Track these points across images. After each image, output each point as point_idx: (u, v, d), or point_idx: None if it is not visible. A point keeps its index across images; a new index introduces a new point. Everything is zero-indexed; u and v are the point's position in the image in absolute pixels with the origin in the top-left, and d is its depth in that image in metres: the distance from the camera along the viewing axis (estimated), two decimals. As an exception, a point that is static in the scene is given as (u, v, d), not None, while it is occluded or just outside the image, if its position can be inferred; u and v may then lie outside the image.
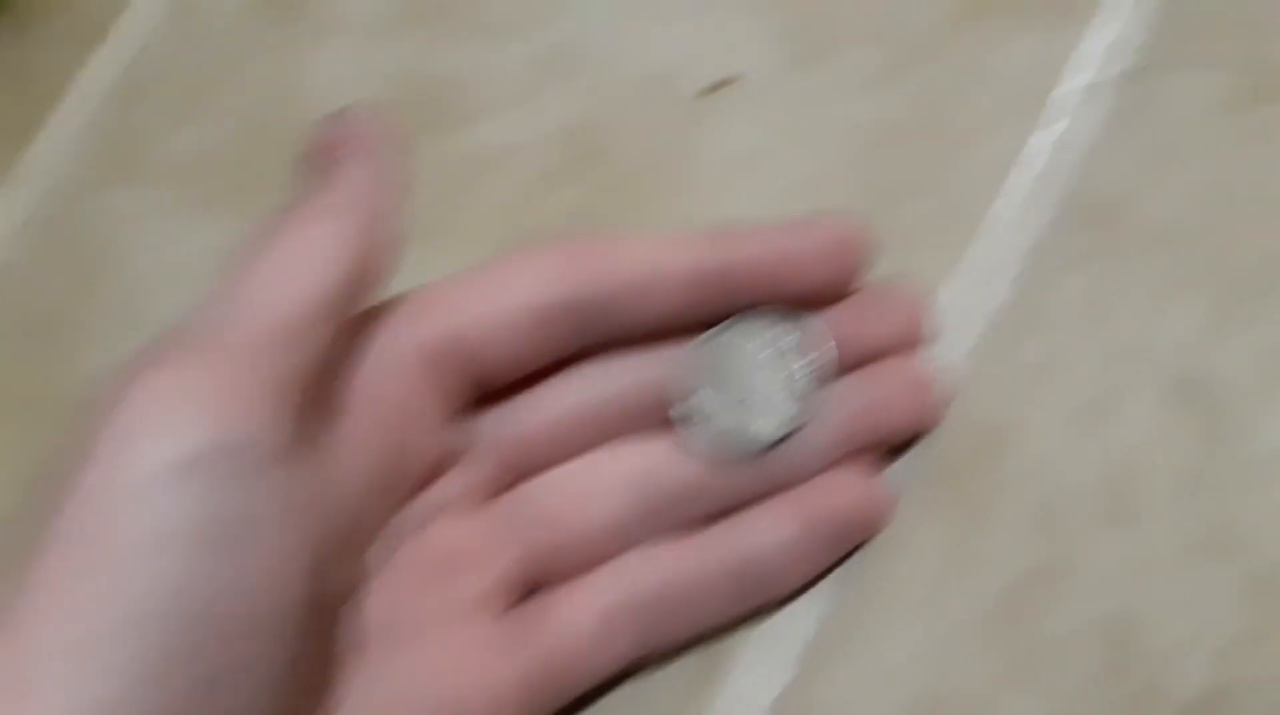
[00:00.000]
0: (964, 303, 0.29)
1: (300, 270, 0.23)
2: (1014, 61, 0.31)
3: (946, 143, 0.31)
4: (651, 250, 0.27)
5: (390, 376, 0.25)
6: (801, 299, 0.27)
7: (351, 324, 0.25)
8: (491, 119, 0.35)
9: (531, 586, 0.28)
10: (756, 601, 0.27)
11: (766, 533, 0.27)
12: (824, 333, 0.27)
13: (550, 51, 0.35)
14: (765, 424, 0.27)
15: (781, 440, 0.27)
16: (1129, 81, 0.30)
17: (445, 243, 0.34)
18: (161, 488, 0.20)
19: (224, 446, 0.20)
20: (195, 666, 0.20)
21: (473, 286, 0.27)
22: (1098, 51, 0.31)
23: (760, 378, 0.27)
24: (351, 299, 0.24)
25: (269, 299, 0.22)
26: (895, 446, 0.28)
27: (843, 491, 0.27)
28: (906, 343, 0.28)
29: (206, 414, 0.20)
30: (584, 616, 0.27)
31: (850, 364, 0.27)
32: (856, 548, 0.28)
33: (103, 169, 0.38)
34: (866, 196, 0.31)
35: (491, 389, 0.27)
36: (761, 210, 0.31)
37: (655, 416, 0.28)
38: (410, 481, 0.26)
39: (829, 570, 0.28)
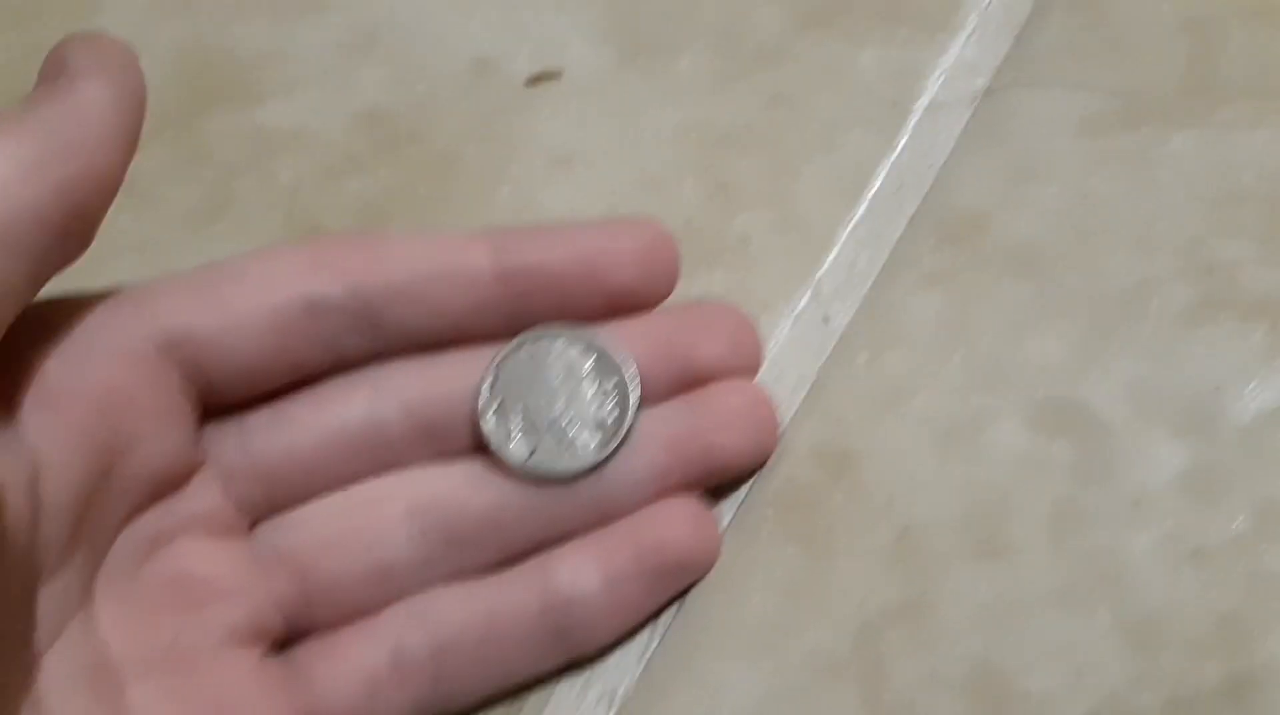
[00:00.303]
0: (811, 319, 0.26)
1: None
2: (868, 72, 0.29)
3: (792, 152, 0.28)
4: (431, 248, 0.23)
5: (114, 364, 0.21)
6: (607, 308, 0.24)
7: (73, 308, 0.21)
8: (288, 97, 0.32)
9: (293, 632, 0.23)
10: (566, 653, 0.23)
11: (577, 572, 0.23)
12: (625, 354, 0.24)
13: (359, 31, 0.32)
14: (569, 454, 0.23)
15: (587, 472, 0.23)
16: (990, 97, 0.28)
17: (222, 227, 0.31)
18: None
19: None
20: None
21: (208, 281, 0.23)
22: (958, 65, 0.29)
23: (560, 403, 0.24)
24: (58, 230, 0.19)
25: None
26: (728, 479, 0.25)
27: (664, 527, 0.24)
28: (736, 363, 0.24)
29: None
30: (352, 677, 0.23)
31: (673, 387, 0.24)
32: (681, 592, 0.24)
33: None
34: (702, 203, 0.28)
35: (235, 398, 0.23)
36: (585, 211, 0.29)
37: (440, 439, 0.24)
38: (143, 487, 0.22)
39: (651, 616, 0.24)
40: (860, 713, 0.23)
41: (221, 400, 0.23)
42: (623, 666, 0.24)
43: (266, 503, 0.23)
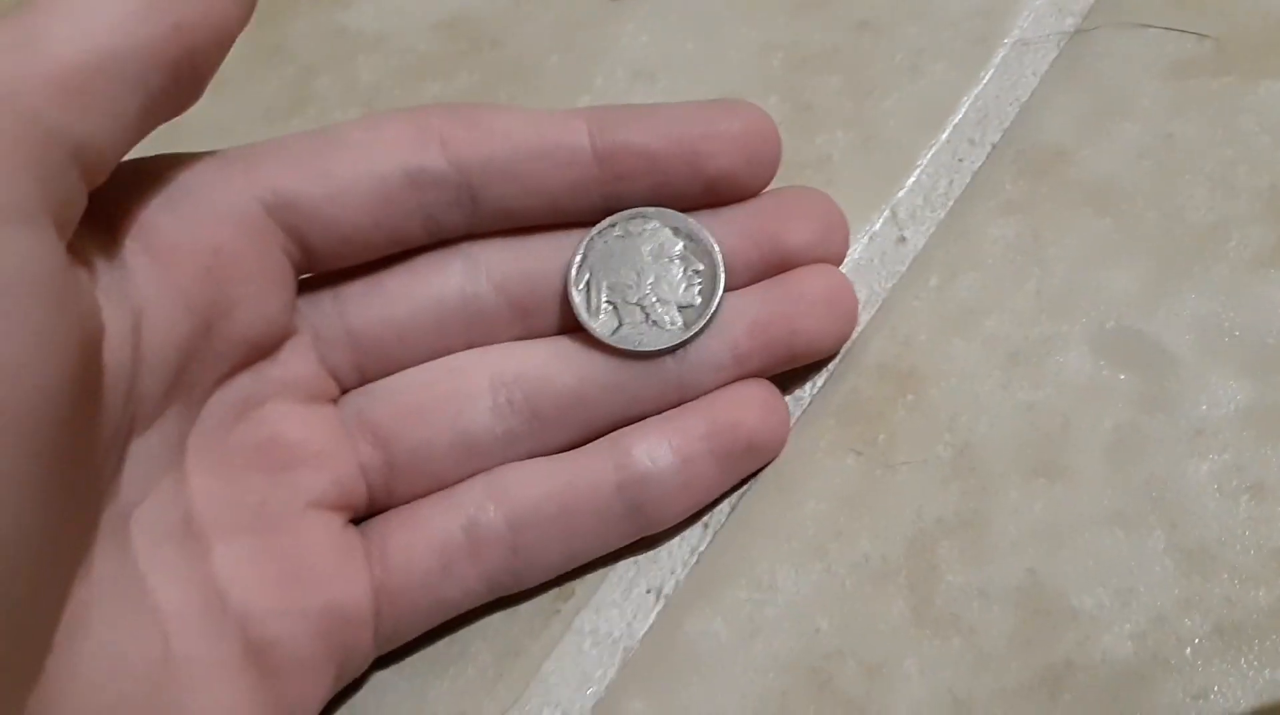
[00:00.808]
0: (886, 239, 0.27)
1: (102, 13, 0.18)
2: (956, 6, 0.29)
3: (876, 78, 0.29)
4: (533, 125, 0.23)
5: (223, 224, 0.21)
6: (705, 193, 0.24)
7: (184, 164, 0.21)
8: (370, 1, 0.32)
9: (374, 504, 0.24)
10: (638, 529, 0.24)
11: (653, 450, 0.23)
12: (713, 240, 0.24)
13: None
14: (654, 331, 0.23)
15: (671, 349, 0.24)
16: (1078, 37, 0.28)
17: (299, 122, 0.31)
18: None
19: None
20: None
21: (315, 146, 0.22)
22: (1048, 5, 0.29)
23: (649, 281, 0.24)
24: (171, 71, 0.19)
25: (50, 38, 0.17)
26: (804, 363, 0.25)
27: (738, 409, 0.24)
28: (824, 250, 0.24)
29: None
30: (427, 547, 0.23)
31: (759, 270, 0.24)
32: (752, 473, 0.24)
33: None
34: (785, 122, 0.28)
35: (333, 265, 0.23)
36: None
37: (530, 317, 0.24)
38: (240, 349, 0.22)
39: (720, 498, 0.24)
40: (907, 619, 0.23)
41: (320, 267, 0.23)
42: (672, 562, 0.24)
43: (356, 371, 0.24)
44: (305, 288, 0.23)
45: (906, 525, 0.24)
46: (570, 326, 0.24)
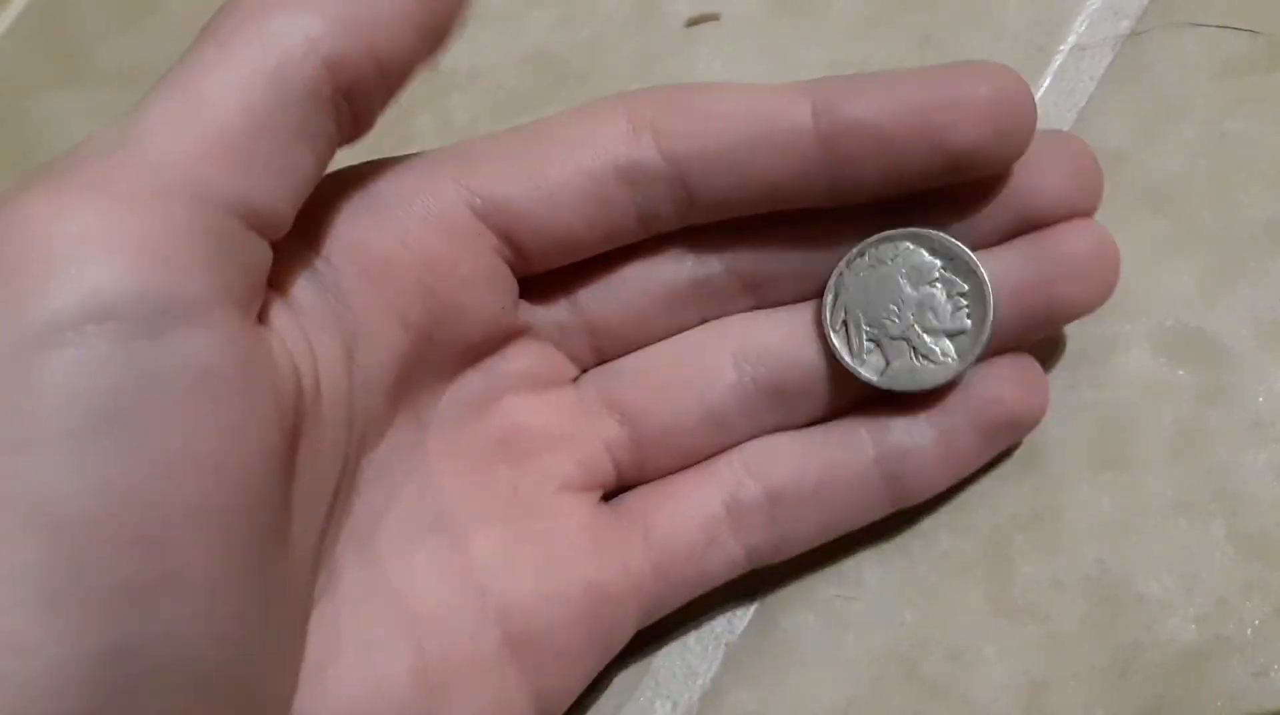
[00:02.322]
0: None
1: (257, 65, 0.17)
2: (1014, 15, 0.30)
3: (941, 91, 0.30)
4: (749, 107, 0.21)
5: (434, 232, 0.21)
6: (948, 173, 0.21)
7: (386, 171, 0.21)
8: (463, 38, 0.34)
9: (622, 480, 0.24)
10: (896, 501, 0.24)
11: (910, 424, 0.23)
12: (973, 258, 0.22)
13: (530, -24, 0.34)
14: (927, 366, 0.22)
15: (949, 384, 0.23)
16: (1133, 40, 0.29)
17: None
18: (54, 355, 0.15)
19: (141, 299, 0.16)
20: (117, 571, 0.15)
21: (522, 145, 0.22)
22: (1102, 9, 0.30)
23: (912, 312, 0.23)
24: (334, 111, 0.18)
25: (210, 104, 0.17)
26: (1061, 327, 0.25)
27: (998, 384, 0.23)
28: (1079, 201, 0.22)
29: (117, 255, 0.16)
30: (691, 521, 0.23)
31: (1012, 228, 0.23)
32: (1013, 447, 0.25)
33: (44, 70, 0.37)
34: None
35: (551, 267, 0.23)
36: None
37: (762, 290, 0.24)
38: (462, 353, 0.22)
39: (982, 467, 0.25)
40: (986, 609, 0.25)
41: (536, 267, 0.23)
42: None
43: (595, 353, 0.24)
44: (532, 285, 0.23)
45: (983, 521, 0.25)
46: (807, 298, 0.23)
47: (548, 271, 0.23)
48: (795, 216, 0.22)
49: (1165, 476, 0.25)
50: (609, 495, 0.24)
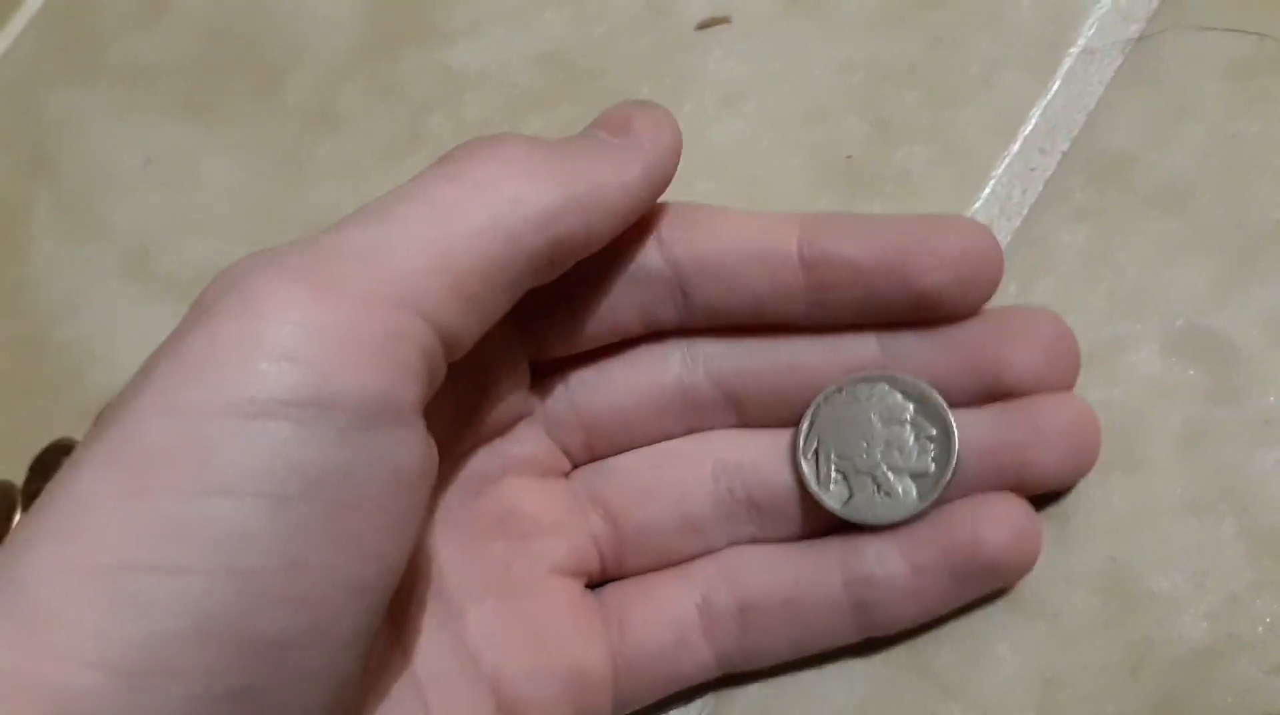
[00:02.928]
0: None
1: (500, 223, 0.19)
2: (1025, 18, 0.30)
3: (951, 91, 0.30)
4: (748, 226, 0.23)
5: None
6: (913, 311, 0.23)
7: None
8: (475, 38, 0.34)
9: (606, 569, 0.25)
10: (864, 629, 0.24)
11: (882, 555, 0.23)
12: (943, 405, 0.23)
13: (542, -24, 0.34)
14: (887, 503, 0.23)
15: (905, 521, 0.23)
16: (1142, 43, 0.29)
17: (415, 160, 0.33)
18: (278, 425, 0.17)
19: (362, 397, 0.18)
20: (272, 623, 0.17)
21: None
22: (1111, 13, 0.30)
23: (879, 449, 0.24)
24: (536, 273, 0.21)
25: (452, 241, 0.19)
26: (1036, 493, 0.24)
27: (983, 525, 0.23)
28: (1051, 378, 0.23)
29: (349, 352, 0.18)
30: (665, 619, 0.24)
31: (981, 398, 0.23)
32: (992, 595, 0.25)
33: (60, 67, 0.37)
34: (864, 138, 0.30)
35: (560, 356, 0.25)
36: (754, 144, 0.30)
37: (744, 410, 0.25)
38: (478, 433, 0.24)
39: (958, 608, 0.25)
40: (999, 605, 0.25)
41: (548, 356, 0.25)
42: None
43: (586, 450, 0.25)
44: (537, 373, 0.25)
45: (994, 519, 0.25)
46: (783, 424, 0.25)
47: (553, 362, 0.25)
48: (783, 346, 0.24)
49: (1176, 475, 0.25)
50: (592, 585, 0.25)
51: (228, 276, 0.18)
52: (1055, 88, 0.29)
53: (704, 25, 0.33)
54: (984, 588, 0.24)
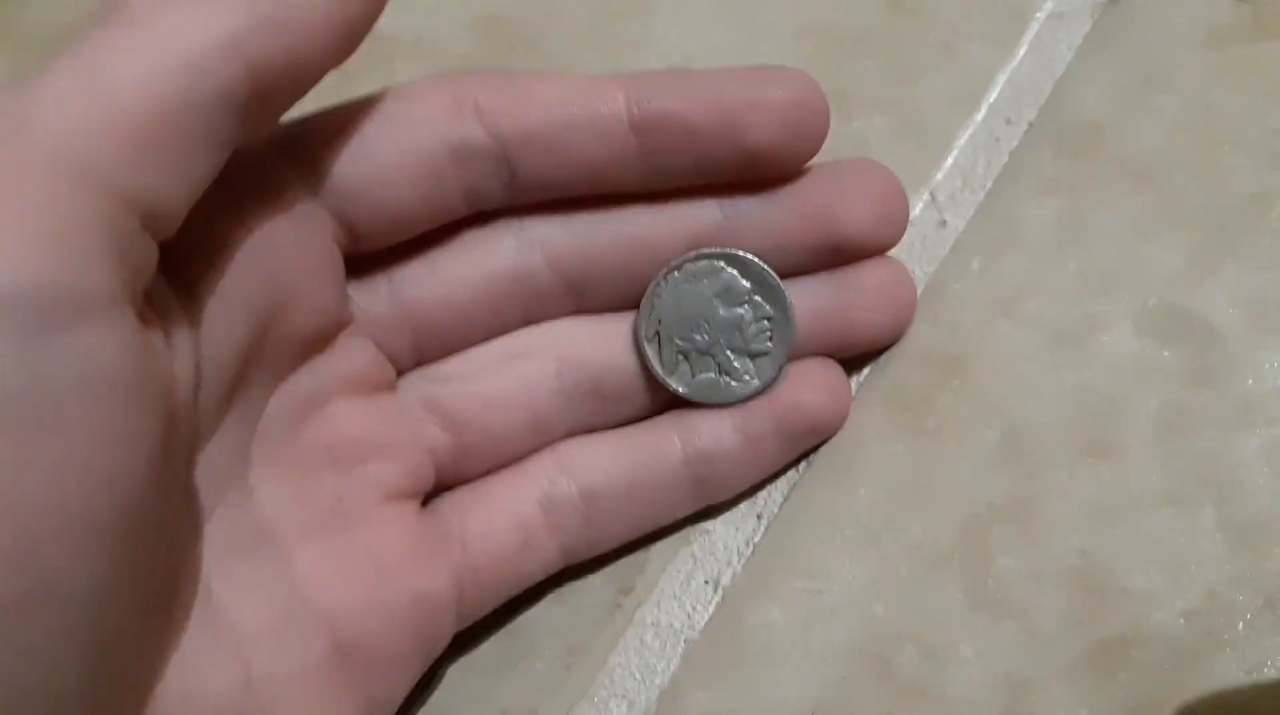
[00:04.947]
0: (927, 223, 0.27)
1: (176, 57, 0.16)
2: (989, -20, 0.29)
3: (911, 59, 0.29)
4: (568, 92, 0.22)
5: (271, 215, 0.20)
6: (745, 166, 0.23)
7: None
8: (407, 3, 0.32)
9: (446, 480, 0.24)
10: (702, 500, 0.25)
11: (717, 429, 0.24)
12: (780, 284, 0.23)
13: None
14: (728, 383, 0.24)
15: (747, 399, 0.24)
16: (1112, 7, 0.28)
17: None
18: None
19: (34, 290, 0.15)
20: None
21: (354, 123, 0.21)
22: (1080, -26, 0.28)
23: (719, 331, 0.24)
24: (243, 114, 0.17)
25: (120, 86, 0.16)
26: (861, 353, 0.25)
27: (801, 390, 0.24)
28: (882, 229, 0.24)
29: (10, 238, 0.15)
30: (506, 523, 0.23)
31: (815, 252, 0.24)
32: (812, 449, 0.25)
33: None
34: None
35: (380, 247, 0.22)
36: None
37: (585, 295, 0.24)
38: (295, 347, 0.21)
39: (781, 472, 0.25)
40: (963, 604, 0.23)
41: (364, 247, 0.22)
42: (728, 554, 0.25)
43: (415, 353, 0.24)
44: (356, 272, 0.23)
45: (958, 510, 0.24)
46: (627, 305, 0.24)
47: (372, 255, 0.23)
48: (621, 219, 0.23)
49: (1151, 463, 0.23)
50: (428, 498, 0.24)
51: None
52: (1021, 54, 0.28)
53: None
54: (807, 445, 0.25)
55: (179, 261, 0.19)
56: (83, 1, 0.32)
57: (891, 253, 0.26)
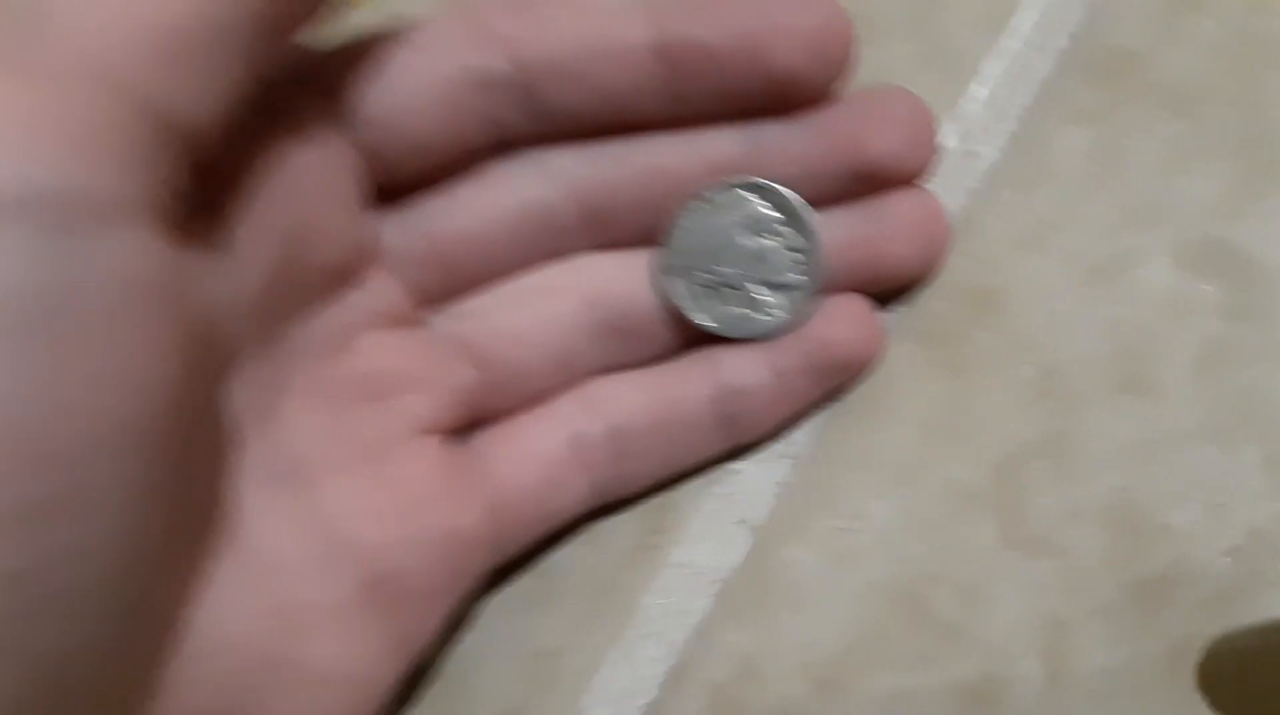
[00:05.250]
0: (956, 155, 0.26)
1: None
2: (1017, -100, 0.28)
3: (938, -17, 0.28)
4: (591, 17, 0.22)
5: (297, 140, 0.20)
6: (771, 93, 0.22)
7: None
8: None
9: (475, 418, 0.24)
10: (732, 439, 0.24)
11: (745, 365, 0.23)
12: (808, 213, 0.23)
13: None
14: (755, 317, 0.23)
15: (775, 334, 0.23)
16: (1145, -73, 0.27)
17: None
18: None
19: (55, 192, 0.14)
20: (18, 489, 0.14)
21: (377, 52, 0.21)
22: (1112, -107, 0.27)
23: (745, 262, 0.23)
24: (264, 23, 0.17)
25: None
26: (893, 287, 0.25)
27: (831, 325, 0.24)
28: (911, 156, 0.23)
29: (27, 141, 0.14)
30: (533, 460, 0.23)
31: (843, 181, 0.23)
32: (843, 387, 0.25)
33: None
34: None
35: (404, 180, 0.22)
36: None
37: (610, 229, 0.24)
38: (322, 278, 0.22)
39: (811, 410, 0.25)
40: (998, 543, 0.23)
41: (388, 179, 0.22)
42: (759, 494, 0.25)
43: (441, 289, 0.24)
44: (382, 208, 0.23)
45: (993, 448, 0.24)
46: (652, 238, 0.24)
47: (396, 190, 0.22)
48: (642, 148, 0.23)
49: (1192, 399, 0.23)
50: (460, 430, 0.24)
51: None
52: (1053, -23, 0.27)
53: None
54: (837, 381, 0.24)
55: (208, 189, 0.19)
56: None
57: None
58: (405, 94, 0.21)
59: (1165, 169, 0.25)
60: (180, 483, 0.17)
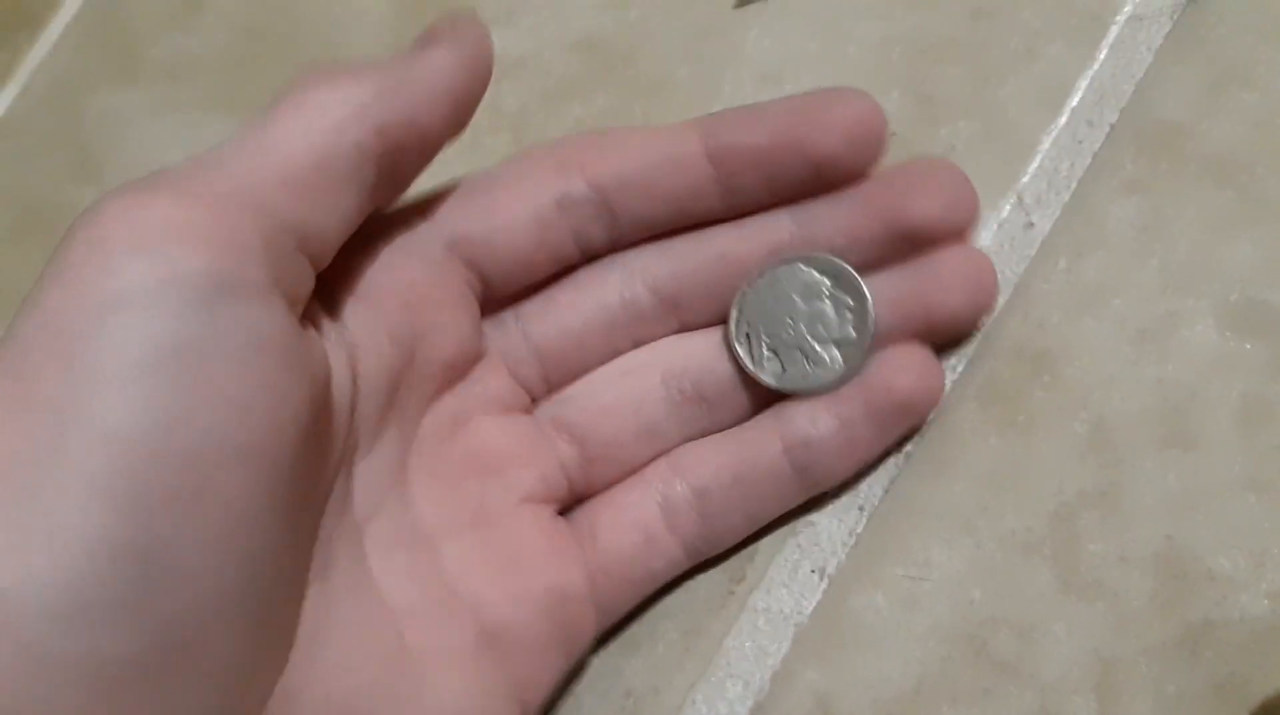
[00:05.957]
0: (1014, 225, 0.28)
1: (319, 121, 0.21)
2: (1069, -15, 0.30)
3: (994, 64, 0.30)
4: (650, 138, 0.26)
5: (412, 264, 0.25)
6: (815, 179, 0.25)
7: (376, 217, 0.24)
8: (510, 26, 0.34)
9: (575, 495, 0.27)
10: (807, 489, 0.26)
11: (812, 416, 0.25)
12: (856, 276, 0.25)
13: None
14: (817, 370, 0.26)
15: (837, 384, 0.26)
16: (1193, 6, 0.29)
17: (450, 153, 0.33)
18: (132, 308, 0.18)
19: (206, 273, 0.19)
20: (159, 480, 0.18)
21: (478, 187, 0.26)
22: (1158, -25, 0.29)
23: (804, 323, 0.26)
24: (377, 168, 0.22)
25: (278, 144, 0.21)
26: (946, 338, 0.27)
27: (892, 373, 0.25)
28: (952, 219, 0.25)
29: (189, 239, 0.19)
30: (631, 525, 0.26)
31: (888, 246, 0.25)
32: (909, 440, 0.27)
33: (98, 68, 0.38)
34: (908, 115, 0.30)
35: (508, 291, 0.26)
36: None
37: (684, 312, 0.27)
38: (439, 372, 0.25)
39: (880, 464, 0.27)
40: (1053, 588, 0.25)
41: (496, 291, 0.26)
42: (832, 544, 0.27)
43: (544, 382, 0.27)
44: (490, 314, 0.27)
45: (1048, 499, 0.25)
46: (722, 318, 0.26)
47: (501, 300, 0.26)
48: (707, 240, 0.26)
49: (1234, 452, 0.25)
50: (563, 511, 0.27)
51: (82, 213, 0.20)
52: (1102, 57, 0.29)
53: (741, 4, 0.33)
54: (903, 427, 0.26)
55: (335, 296, 0.23)
56: (208, 39, 0.35)
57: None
58: (505, 217, 0.25)
59: (1209, 236, 0.26)
60: (295, 502, 0.20)
